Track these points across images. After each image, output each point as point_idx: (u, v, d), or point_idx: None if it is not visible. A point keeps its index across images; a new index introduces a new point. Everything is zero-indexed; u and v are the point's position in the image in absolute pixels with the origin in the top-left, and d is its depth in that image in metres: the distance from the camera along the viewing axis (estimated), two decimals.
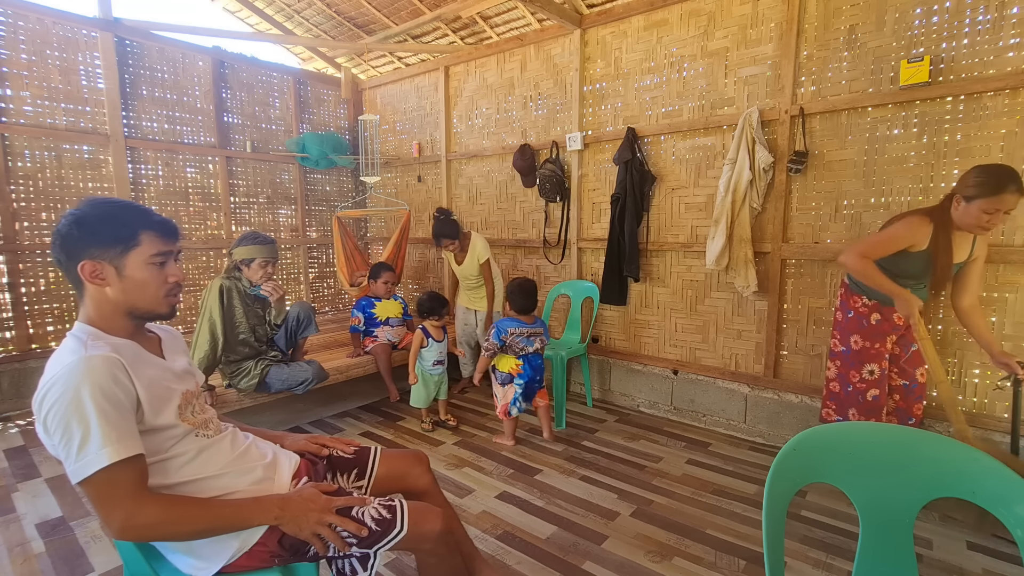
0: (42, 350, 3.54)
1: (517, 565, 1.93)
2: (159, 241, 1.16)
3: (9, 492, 2.41)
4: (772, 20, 2.85)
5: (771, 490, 0.98)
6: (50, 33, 3.50)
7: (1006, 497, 0.91)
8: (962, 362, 2.49)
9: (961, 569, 1.93)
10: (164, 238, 1.17)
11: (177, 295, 1.22)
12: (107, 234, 1.11)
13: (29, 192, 3.48)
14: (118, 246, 1.12)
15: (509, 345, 2.90)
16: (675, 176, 3.30)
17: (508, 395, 2.92)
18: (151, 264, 1.15)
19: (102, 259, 1.11)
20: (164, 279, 1.18)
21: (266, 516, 1.15)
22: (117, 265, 1.12)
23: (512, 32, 4.21)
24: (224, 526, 1.11)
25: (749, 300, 3.07)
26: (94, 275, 1.11)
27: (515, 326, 2.91)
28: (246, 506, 1.15)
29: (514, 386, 2.91)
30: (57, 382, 1.00)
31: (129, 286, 1.13)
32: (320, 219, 5.13)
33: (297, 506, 1.17)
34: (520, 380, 2.91)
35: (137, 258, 1.13)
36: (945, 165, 2.46)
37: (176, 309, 1.23)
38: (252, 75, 4.54)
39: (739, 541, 2.08)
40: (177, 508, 1.07)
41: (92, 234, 1.10)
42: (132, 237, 1.12)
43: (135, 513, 1.01)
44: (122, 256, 1.12)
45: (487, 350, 2.95)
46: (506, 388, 2.94)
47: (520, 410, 2.93)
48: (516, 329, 2.90)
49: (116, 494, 1.00)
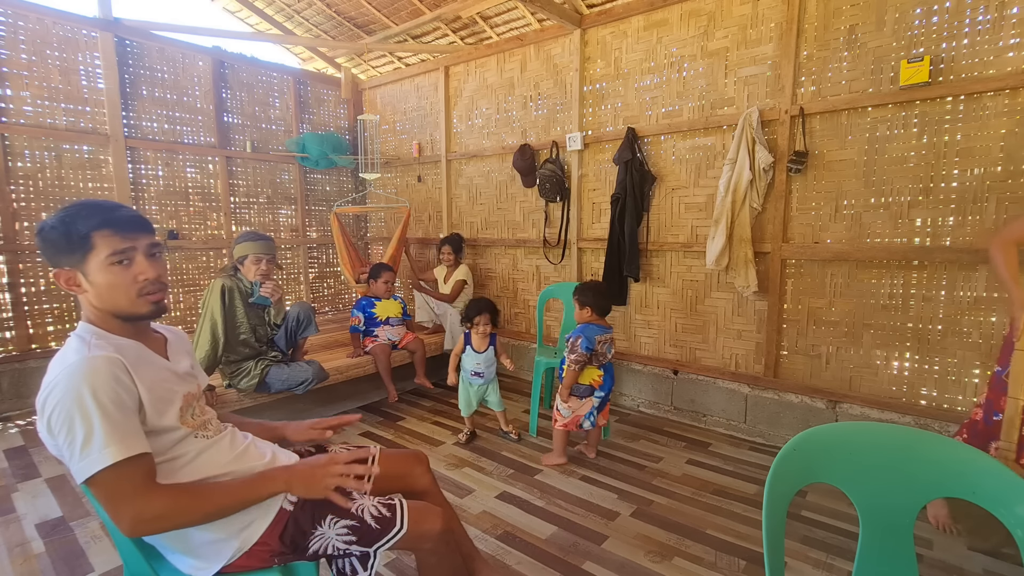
0: (42, 350, 3.53)
1: (517, 565, 1.93)
2: (115, 239, 1.08)
3: (9, 492, 2.41)
4: (772, 20, 2.85)
5: (771, 490, 0.98)
6: (50, 33, 3.50)
7: (1006, 497, 0.91)
8: (962, 362, 2.49)
9: (961, 569, 1.92)
10: (121, 234, 1.09)
11: (156, 292, 1.14)
12: (64, 242, 1.07)
13: (29, 192, 3.48)
14: (77, 253, 1.07)
15: (596, 353, 2.62)
16: (675, 176, 3.30)
17: (584, 408, 2.64)
18: (112, 265, 1.08)
19: (70, 267, 1.09)
20: (132, 278, 1.10)
21: (275, 486, 1.14)
22: (83, 271, 1.09)
23: (512, 32, 4.21)
24: (235, 504, 1.11)
25: (749, 300, 3.07)
26: (69, 283, 1.10)
27: (601, 332, 2.63)
28: (254, 481, 1.14)
29: (593, 399, 2.65)
30: (60, 382, 1.00)
31: (100, 291, 1.09)
32: (320, 219, 5.13)
33: (303, 470, 1.17)
34: (600, 392, 2.66)
35: (95, 261, 1.08)
36: (945, 165, 2.46)
37: (161, 307, 1.16)
38: (252, 75, 4.54)
39: (739, 541, 2.08)
40: (186, 495, 1.07)
41: (53, 244, 1.08)
42: (86, 240, 1.07)
43: (144, 507, 1.00)
44: (83, 262, 1.08)
45: (576, 362, 2.60)
46: (584, 401, 2.65)
47: (593, 424, 2.67)
48: (603, 336, 2.62)
49: (122, 492, 1.00)
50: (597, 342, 2.60)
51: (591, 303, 2.66)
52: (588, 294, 2.67)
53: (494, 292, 4.41)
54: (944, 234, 2.49)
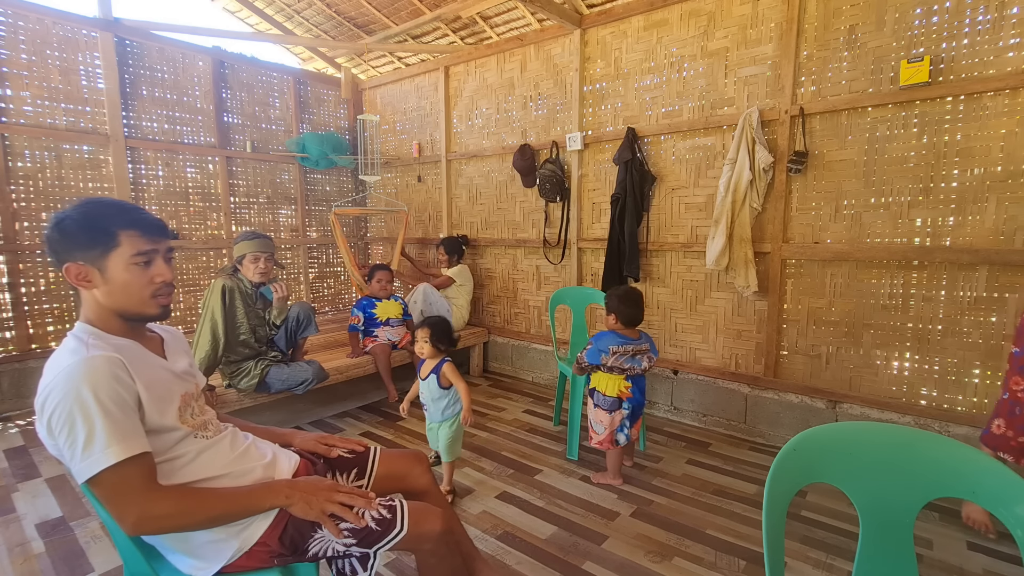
0: (42, 350, 3.53)
1: (517, 565, 1.93)
2: (141, 240, 1.11)
3: (9, 492, 2.41)
4: (772, 20, 2.85)
5: (771, 490, 0.98)
6: (50, 33, 3.50)
7: (1006, 497, 0.91)
8: (962, 362, 2.49)
9: (961, 569, 1.92)
10: (146, 236, 1.12)
11: (167, 295, 1.17)
12: (86, 236, 1.08)
13: (29, 192, 3.48)
14: (98, 248, 1.09)
15: (611, 367, 2.44)
16: (675, 176, 3.30)
17: (615, 422, 2.47)
18: (134, 264, 1.11)
19: (85, 262, 1.09)
20: (150, 279, 1.13)
21: (276, 499, 1.15)
22: (100, 267, 1.10)
23: (512, 32, 4.21)
24: (237, 511, 1.12)
25: (749, 300, 3.07)
26: (79, 278, 1.10)
27: (619, 343, 2.43)
28: (257, 491, 1.16)
29: (622, 411, 2.47)
30: (59, 383, 1.00)
31: (113, 288, 1.11)
32: (320, 219, 5.12)
33: (305, 488, 1.19)
34: (628, 405, 2.47)
35: (118, 259, 1.10)
36: (945, 165, 2.46)
37: (168, 310, 1.19)
38: (252, 75, 4.54)
39: (739, 541, 2.08)
40: (190, 497, 1.07)
41: (72, 237, 1.08)
42: (112, 238, 1.09)
43: (148, 507, 1.01)
44: (103, 258, 1.09)
45: (577, 363, 2.54)
46: (613, 415, 2.46)
47: (628, 438, 2.49)
48: (620, 347, 2.42)
49: (125, 491, 1.00)
50: (611, 354, 2.41)
51: (615, 309, 2.46)
52: (613, 300, 2.48)
53: (494, 292, 4.42)
54: (944, 234, 2.49)
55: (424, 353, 2.39)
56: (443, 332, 2.39)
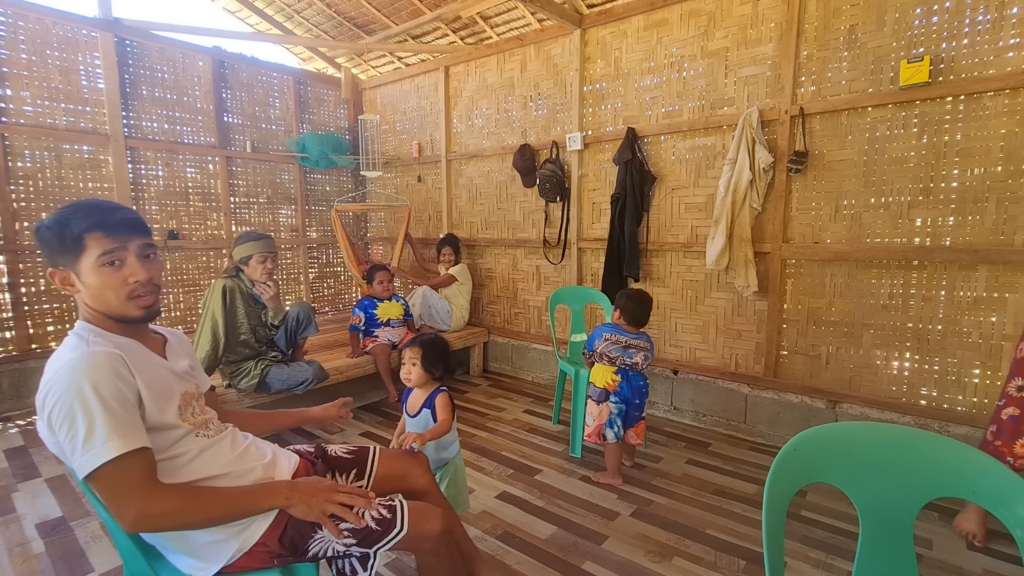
0: (42, 350, 3.53)
1: (517, 565, 1.93)
2: (105, 240, 1.08)
3: (9, 492, 2.41)
4: (772, 20, 2.85)
5: (771, 490, 0.98)
6: (50, 33, 3.50)
7: (1006, 497, 0.91)
8: (962, 362, 2.49)
9: (961, 569, 1.92)
10: (111, 236, 1.08)
11: (148, 295, 1.13)
12: (59, 243, 1.07)
13: (29, 192, 3.48)
14: (69, 253, 1.08)
15: (602, 354, 2.47)
16: (675, 176, 3.30)
17: (603, 415, 2.45)
18: (102, 266, 1.08)
19: (64, 267, 1.09)
20: (123, 280, 1.10)
21: (277, 499, 1.15)
22: (76, 272, 1.09)
23: (512, 32, 4.21)
24: (237, 511, 1.11)
25: (749, 300, 3.07)
26: (63, 283, 1.10)
27: (613, 332, 2.47)
28: (257, 491, 1.15)
29: (610, 405, 2.45)
30: (60, 378, 1.00)
31: (92, 292, 1.09)
32: (320, 219, 5.13)
33: (305, 489, 1.18)
34: (616, 398, 2.45)
35: (87, 263, 1.08)
36: (945, 165, 2.46)
37: (152, 311, 1.15)
38: (252, 75, 4.54)
39: (739, 541, 2.08)
40: (190, 496, 1.07)
41: (48, 244, 1.09)
42: (78, 242, 1.07)
43: (148, 503, 1.00)
44: (76, 263, 1.08)
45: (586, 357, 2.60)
46: (601, 406, 2.46)
47: (618, 436, 2.45)
48: (613, 336, 2.46)
49: (126, 486, 1.00)
50: (603, 339, 2.47)
51: (622, 306, 2.51)
52: (622, 297, 2.53)
53: (494, 292, 4.42)
54: (944, 234, 2.49)
55: (412, 380, 1.88)
56: (438, 355, 1.90)
